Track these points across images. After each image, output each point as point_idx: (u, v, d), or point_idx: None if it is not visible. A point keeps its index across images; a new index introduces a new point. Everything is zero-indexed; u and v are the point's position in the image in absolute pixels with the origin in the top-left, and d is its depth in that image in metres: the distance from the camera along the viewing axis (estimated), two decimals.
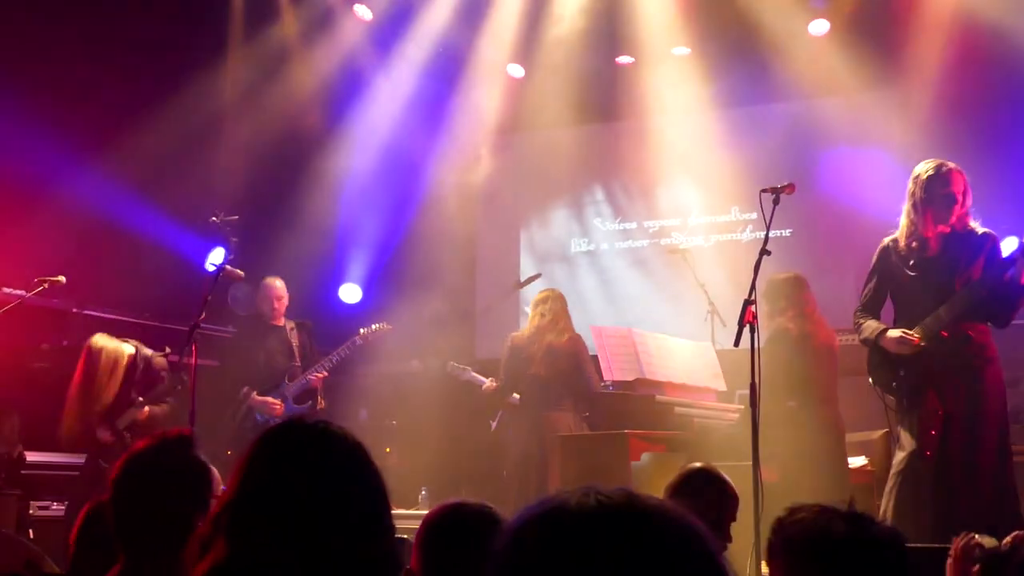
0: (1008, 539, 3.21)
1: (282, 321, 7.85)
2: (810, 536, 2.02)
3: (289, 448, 1.87)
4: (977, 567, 3.10)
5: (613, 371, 6.87)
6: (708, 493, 3.73)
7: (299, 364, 7.66)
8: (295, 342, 7.77)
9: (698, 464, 3.95)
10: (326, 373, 7.69)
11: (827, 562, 2.00)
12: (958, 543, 3.20)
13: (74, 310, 8.14)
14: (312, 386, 7.63)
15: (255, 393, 7.51)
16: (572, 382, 7.32)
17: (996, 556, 3.11)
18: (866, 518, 2.06)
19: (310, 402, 7.63)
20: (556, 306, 7.57)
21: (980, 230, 5.12)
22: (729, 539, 3.69)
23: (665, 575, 1.04)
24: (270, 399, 7.50)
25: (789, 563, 2.05)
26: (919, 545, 4.57)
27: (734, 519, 3.79)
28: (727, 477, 3.89)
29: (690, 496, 3.62)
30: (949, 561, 3.20)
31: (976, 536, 3.20)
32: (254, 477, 1.83)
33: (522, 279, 10.21)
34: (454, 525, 2.43)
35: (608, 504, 1.08)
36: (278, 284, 7.89)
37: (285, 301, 7.85)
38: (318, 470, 1.82)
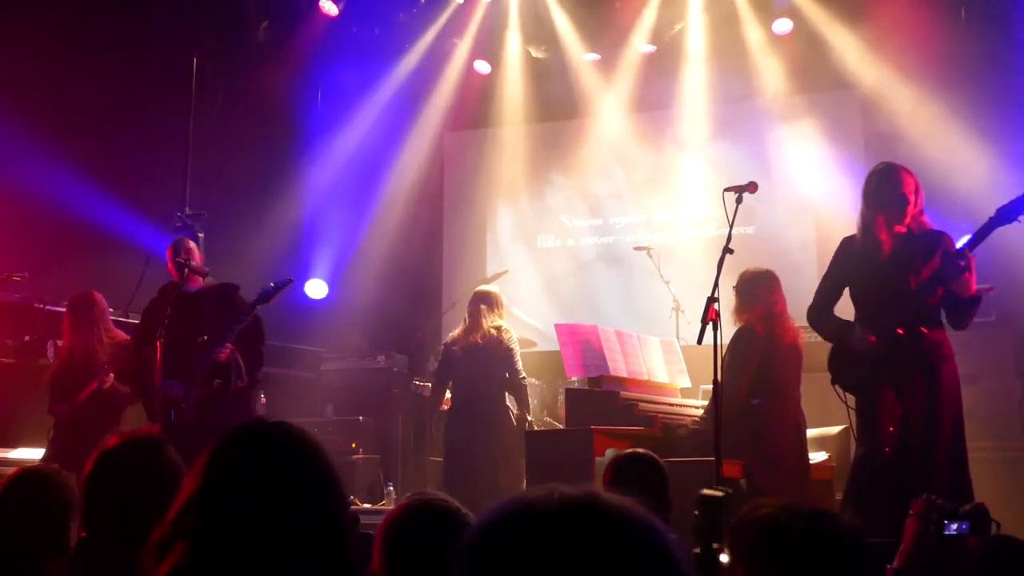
0: (968, 507, 3.31)
1: (199, 286, 6.58)
2: (770, 533, 2.05)
3: (248, 450, 1.89)
4: (933, 527, 3.22)
5: (578, 368, 6.90)
6: (641, 472, 3.83)
7: (207, 338, 6.29)
8: (207, 310, 6.41)
9: (627, 451, 4.06)
10: (230, 346, 6.28)
11: (787, 559, 2.02)
12: (918, 503, 3.30)
13: (37, 305, 8.07)
14: (219, 361, 6.26)
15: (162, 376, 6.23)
16: (496, 378, 7.35)
17: (953, 512, 3.22)
18: (827, 514, 2.09)
19: (218, 382, 6.28)
20: (472, 306, 7.59)
21: (935, 230, 5.19)
22: (670, 507, 3.82)
23: (627, 572, 1.06)
24: (170, 386, 6.20)
25: (750, 560, 2.08)
26: (878, 540, 4.65)
27: (666, 486, 3.89)
28: (654, 456, 4.00)
29: (628, 480, 3.72)
30: (909, 520, 3.29)
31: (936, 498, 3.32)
32: (212, 480, 1.85)
33: (489, 275, 10.23)
34: (417, 524, 2.42)
35: (571, 503, 1.10)
36: (175, 243, 6.66)
37: (191, 260, 6.52)
38: (277, 471, 1.85)
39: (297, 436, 1.93)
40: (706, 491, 3.89)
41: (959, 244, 5.11)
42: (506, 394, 7.40)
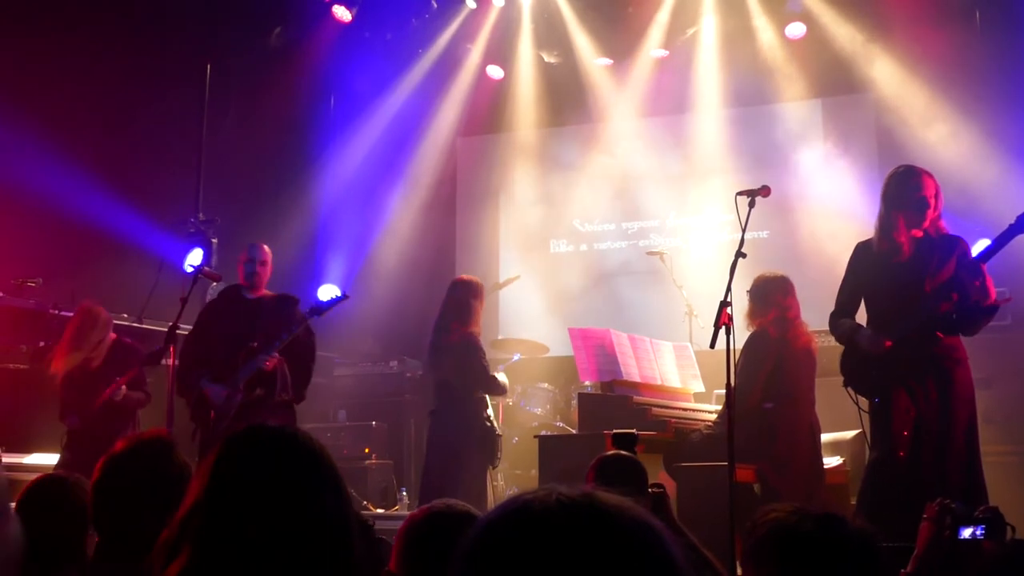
0: (981, 510, 3.30)
1: (260, 293, 6.64)
2: (780, 536, 2.04)
3: (254, 454, 1.90)
4: (947, 531, 3.21)
5: (591, 372, 6.89)
6: (623, 471, 3.85)
7: (257, 345, 6.32)
8: (262, 319, 6.45)
9: (609, 452, 4.06)
10: (277, 357, 6.31)
11: (797, 562, 2.02)
12: (932, 507, 3.29)
13: (51, 311, 8.10)
14: (264, 371, 6.28)
15: (207, 378, 6.34)
16: (455, 381, 7.10)
17: (967, 516, 3.21)
18: (836, 518, 2.08)
19: (259, 391, 6.29)
20: (444, 300, 7.34)
21: (951, 235, 5.17)
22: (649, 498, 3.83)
23: (623, 570, 1.06)
24: (213, 389, 6.28)
25: (761, 564, 2.07)
26: (892, 544, 4.62)
27: (647, 485, 3.91)
28: (635, 456, 4.02)
29: (611, 480, 3.75)
30: (923, 524, 3.27)
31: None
32: (219, 483, 1.86)
33: (501, 280, 10.23)
34: (438, 529, 2.42)
35: (569, 503, 1.10)
36: (251, 248, 6.72)
37: (264, 276, 6.65)
38: (283, 476, 1.86)
39: (303, 440, 1.94)
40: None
41: (979, 249, 5.08)
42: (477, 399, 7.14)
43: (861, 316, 5.43)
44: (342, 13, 10.10)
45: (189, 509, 1.85)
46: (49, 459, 7.07)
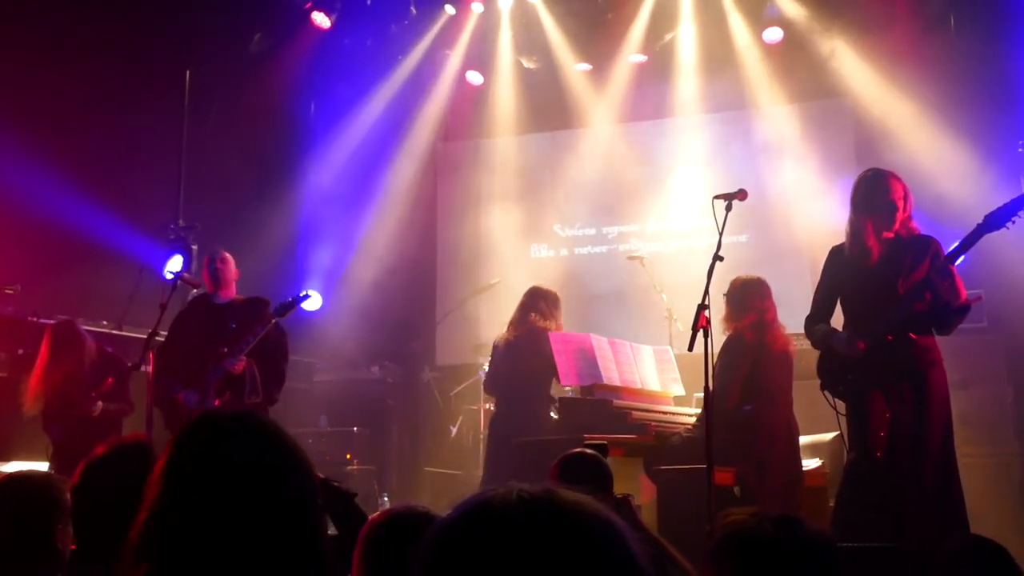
0: None
1: (230, 298, 6.63)
2: (738, 539, 2.06)
3: (206, 440, 1.81)
4: None
5: (572, 376, 6.91)
6: (587, 470, 3.88)
7: (226, 350, 6.30)
8: (232, 323, 6.43)
9: (574, 451, 4.06)
10: (244, 359, 6.27)
11: (756, 564, 2.03)
12: None
13: (30, 319, 8.05)
14: (233, 374, 6.26)
15: (178, 385, 6.36)
16: (522, 380, 7.31)
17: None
18: (795, 521, 2.09)
19: (228, 394, 6.27)
20: (521, 301, 7.57)
21: (923, 235, 5.21)
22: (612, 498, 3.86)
23: (582, 567, 1.07)
24: (185, 395, 6.29)
25: (720, 566, 2.09)
26: (872, 544, 4.65)
27: (610, 482, 3.95)
28: (599, 455, 4.04)
29: (574, 479, 3.78)
30: None
31: None
32: (174, 474, 1.78)
33: (482, 285, 10.23)
34: (398, 530, 2.41)
35: (529, 500, 1.11)
36: (210, 253, 6.71)
37: (225, 273, 6.61)
38: (237, 459, 1.77)
39: (255, 422, 1.85)
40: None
41: (948, 250, 5.13)
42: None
43: (838, 320, 5.47)
44: (321, 19, 10.10)
45: (149, 507, 1.77)
46: (30, 467, 7.03)
